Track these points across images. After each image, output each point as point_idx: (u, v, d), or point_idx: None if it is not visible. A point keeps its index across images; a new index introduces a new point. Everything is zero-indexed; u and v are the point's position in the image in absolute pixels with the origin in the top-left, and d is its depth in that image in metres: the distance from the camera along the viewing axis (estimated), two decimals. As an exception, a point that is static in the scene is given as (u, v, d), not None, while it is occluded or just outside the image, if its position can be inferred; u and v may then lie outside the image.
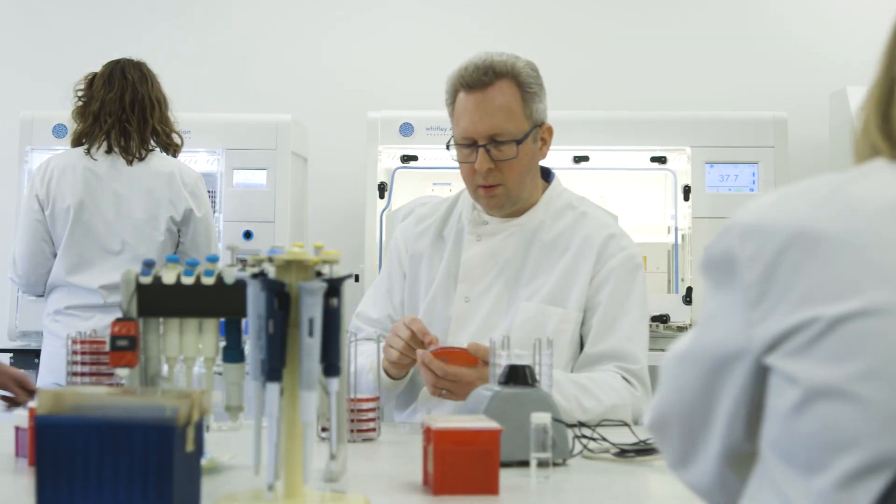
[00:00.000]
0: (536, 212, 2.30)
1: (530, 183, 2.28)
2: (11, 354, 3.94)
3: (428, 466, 1.50)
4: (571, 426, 1.78)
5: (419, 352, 2.03)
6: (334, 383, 1.37)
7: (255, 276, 1.36)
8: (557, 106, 4.18)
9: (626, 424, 1.95)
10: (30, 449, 1.64)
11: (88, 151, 3.30)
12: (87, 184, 3.28)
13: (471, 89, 2.21)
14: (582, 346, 2.23)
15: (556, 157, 4.11)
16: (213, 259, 1.58)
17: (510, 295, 2.26)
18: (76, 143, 3.34)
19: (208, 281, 1.57)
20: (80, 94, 3.38)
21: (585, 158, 4.11)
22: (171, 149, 3.38)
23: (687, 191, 4.08)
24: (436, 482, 1.45)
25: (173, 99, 3.47)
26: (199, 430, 1.27)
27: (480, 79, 2.20)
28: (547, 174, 2.37)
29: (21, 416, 1.73)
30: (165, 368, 1.60)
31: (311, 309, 1.34)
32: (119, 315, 3.19)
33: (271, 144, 4.09)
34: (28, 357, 3.94)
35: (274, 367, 1.34)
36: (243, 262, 1.50)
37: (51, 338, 3.31)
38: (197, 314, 1.58)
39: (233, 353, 1.60)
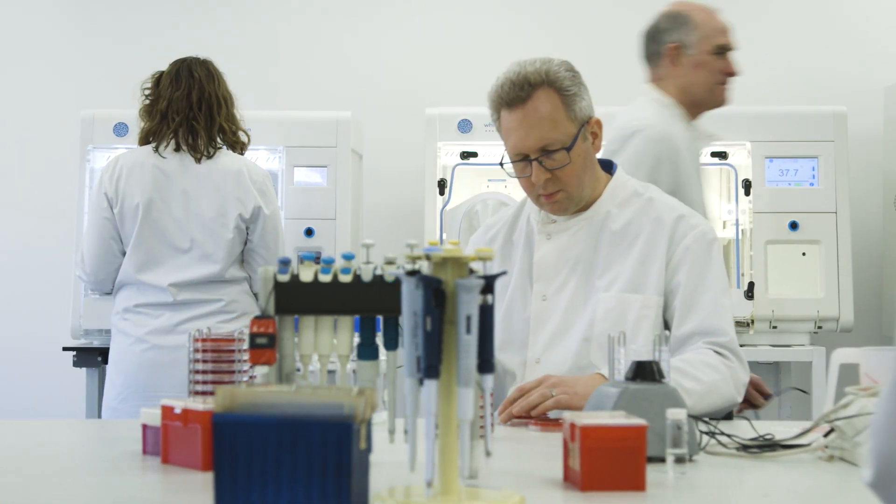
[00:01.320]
0: (602, 203, 2.31)
1: (590, 179, 2.30)
2: (75, 353, 3.95)
3: (570, 462, 1.50)
4: (697, 419, 1.78)
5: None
6: (489, 380, 1.38)
7: (410, 273, 1.36)
8: (618, 102, 4.20)
9: (745, 418, 1.95)
10: (163, 446, 1.65)
11: (157, 149, 3.30)
12: (155, 182, 3.28)
13: (511, 106, 2.23)
14: (667, 329, 2.23)
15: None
16: (349, 257, 1.58)
17: (586, 288, 2.27)
18: (143, 141, 3.35)
19: (345, 278, 1.57)
20: (147, 92, 3.39)
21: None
22: (238, 147, 3.39)
23: (748, 185, 4.08)
24: (584, 478, 1.45)
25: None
26: (370, 427, 1.27)
27: (518, 94, 2.21)
28: (609, 165, 2.38)
29: (149, 415, 1.73)
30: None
31: (469, 306, 1.34)
32: (193, 313, 3.23)
33: (331, 142, 4.10)
34: (91, 355, 3.96)
35: (432, 365, 1.34)
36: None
37: (120, 336, 3.31)
38: (334, 312, 1.58)
39: (367, 349, 1.60)
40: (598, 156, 2.36)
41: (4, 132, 4.80)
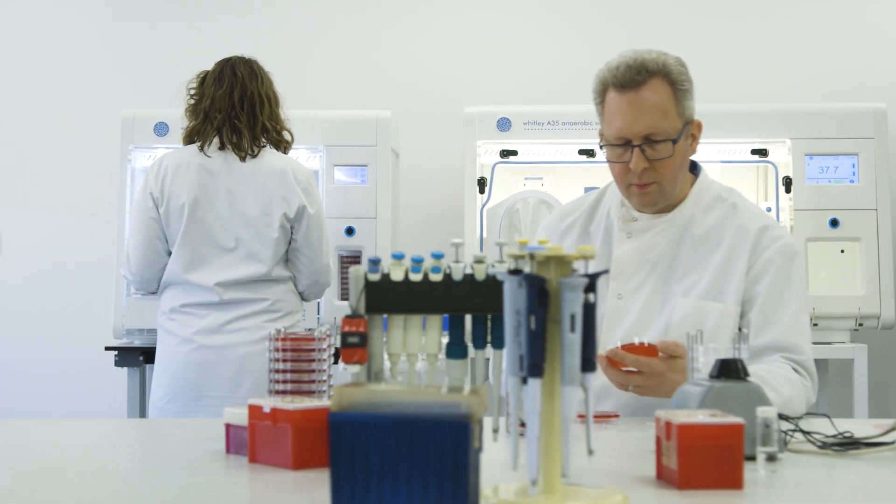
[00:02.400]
0: (686, 206, 2.30)
1: (681, 179, 2.29)
2: (116, 353, 3.96)
3: (665, 460, 1.50)
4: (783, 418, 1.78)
5: (609, 349, 2.04)
6: (591, 378, 1.37)
7: (513, 272, 1.36)
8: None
9: (826, 416, 1.94)
10: (250, 446, 1.65)
11: (202, 148, 3.30)
12: (201, 181, 3.28)
13: (623, 89, 2.21)
14: None
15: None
16: (439, 255, 1.58)
17: (664, 291, 2.26)
18: (188, 140, 3.35)
19: (436, 277, 1.57)
20: (192, 92, 3.39)
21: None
22: (283, 146, 3.39)
23: (788, 183, 4.07)
24: (681, 477, 1.45)
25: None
26: (481, 426, 1.27)
27: (633, 78, 2.20)
28: (694, 167, 2.37)
29: (233, 414, 1.73)
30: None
31: (573, 304, 1.34)
32: (240, 312, 3.23)
33: (371, 141, 4.10)
34: (132, 355, 3.97)
35: (536, 363, 1.34)
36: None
37: (166, 336, 3.31)
38: (424, 311, 1.58)
39: (456, 349, 1.60)
40: None
41: (46, 133, 4.81)
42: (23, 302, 4.80)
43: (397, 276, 1.57)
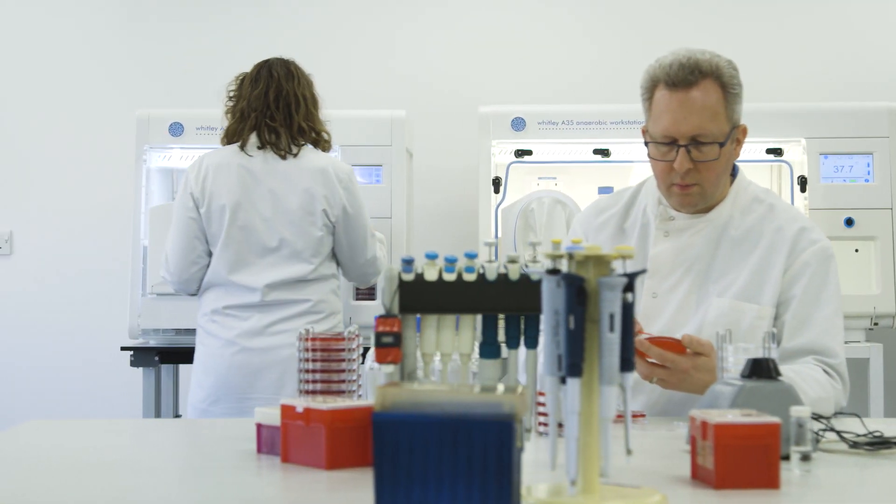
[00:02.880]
0: (724, 207, 2.29)
1: (723, 182, 2.28)
2: (132, 353, 3.96)
3: (700, 460, 1.50)
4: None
5: (637, 339, 2.03)
6: (629, 378, 1.37)
7: (551, 271, 1.36)
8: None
9: (856, 415, 1.95)
10: (283, 446, 1.65)
11: (242, 148, 3.29)
12: (242, 181, 3.27)
13: (674, 87, 2.19)
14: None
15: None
16: (472, 255, 1.58)
17: (699, 291, 2.25)
18: (226, 141, 3.35)
19: (469, 277, 1.57)
20: (231, 94, 3.39)
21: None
22: (321, 146, 3.38)
23: (803, 182, 4.07)
24: (718, 476, 1.45)
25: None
26: (522, 426, 1.27)
27: (686, 77, 2.18)
28: (732, 168, 2.36)
29: (264, 414, 1.74)
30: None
31: (611, 304, 1.35)
32: (282, 314, 3.23)
33: (386, 141, 4.10)
34: (148, 355, 3.97)
35: (575, 363, 1.34)
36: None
37: (208, 338, 3.29)
38: (458, 310, 1.58)
39: (489, 348, 1.60)
40: None
41: (60, 133, 4.82)
42: (36, 303, 4.81)
43: (431, 275, 1.57)
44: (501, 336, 1.61)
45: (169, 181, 4.29)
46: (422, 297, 1.57)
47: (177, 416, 4.27)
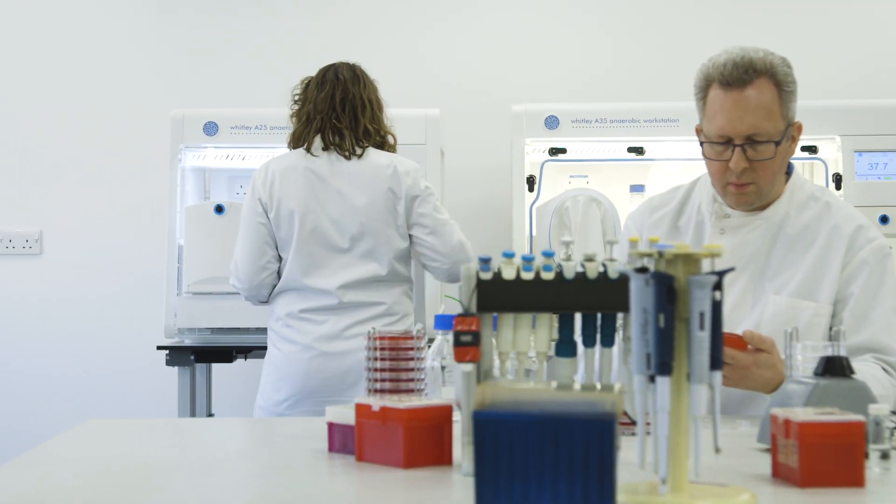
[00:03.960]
0: (780, 205, 2.29)
1: (779, 180, 2.28)
2: (168, 352, 3.97)
3: (782, 458, 1.50)
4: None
5: None
6: (718, 376, 1.37)
7: (639, 270, 1.36)
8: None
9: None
10: (358, 445, 1.65)
11: (308, 150, 3.29)
12: (309, 184, 3.26)
13: (729, 86, 2.19)
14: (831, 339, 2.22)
15: (699, 148, 4.11)
16: (550, 254, 1.58)
17: (756, 289, 2.25)
18: (293, 145, 3.34)
19: (547, 276, 1.57)
20: (296, 97, 3.39)
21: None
22: (386, 149, 3.37)
23: (838, 180, 4.06)
24: (802, 475, 1.45)
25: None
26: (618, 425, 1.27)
27: (741, 77, 2.18)
28: (787, 165, 2.35)
29: (336, 413, 1.74)
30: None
31: (701, 302, 1.34)
32: (358, 317, 3.22)
33: (420, 139, 4.10)
34: (183, 354, 3.97)
35: (665, 362, 1.34)
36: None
37: (284, 343, 3.26)
38: (536, 309, 1.58)
39: (566, 347, 1.60)
40: None
41: (95, 134, 4.82)
42: (65, 302, 4.81)
43: (509, 274, 1.57)
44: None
45: (202, 180, 4.30)
46: (500, 295, 1.57)
47: (210, 415, 4.28)
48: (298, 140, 3.33)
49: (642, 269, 1.37)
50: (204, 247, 3.95)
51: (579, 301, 1.58)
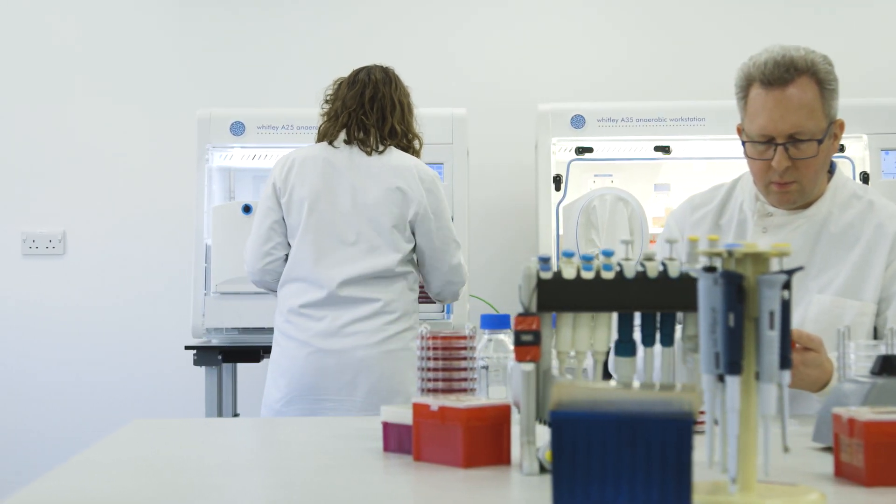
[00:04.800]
0: (823, 203, 2.29)
1: (822, 178, 2.28)
2: (195, 351, 3.97)
3: (845, 457, 1.50)
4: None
5: None
6: (786, 376, 1.37)
7: (707, 269, 1.36)
8: (726, 96, 4.18)
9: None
10: (415, 444, 1.65)
11: (331, 143, 3.31)
12: (324, 174, 3.27)
13: (770, 86, 2.19)
14: (876, 337, 2.22)
15: (726, 147, 4.12)
16: (609, 253, 1.58)
17: (799, 288, 2.25)
18: (318, 140, 3.37)
19: (608, 275, 1.57)
20: (328, 97, 3.41)
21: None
22: (411, 152, 3.38)
23: (865, 178, 4.06)
24: (869, 474, 1.44)
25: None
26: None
27: (782, 76, 2.18)
28: (829, 164, 2.35)
29: (390, 412, 1.74)
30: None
31: (771, 301, 1.34)
32: (355, 314, 3.22)
33: (447, 139, 4.10)
34: (211, 354, 3.97)
35: (734, 361, 1.34)
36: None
37: (283, 339, 3.27)
38: (597, 308, 1.58)
39: (625, 346, 1.60)
40: None
41: (120, 133, 4.83)
42: (89, 302, 4.82)
43: (569, 274, 1.57)
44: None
45: (227, 180, 4.31)
46: (560, 295, 1.57)
47: (235, 414, 4.28)
48: (324, 136, 3.35)
49: (711, 269, 1.37)
50: (231, 247, 3.95)
51: (640, 300, 1.57)
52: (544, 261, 1.58)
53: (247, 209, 3.94)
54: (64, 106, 4.84)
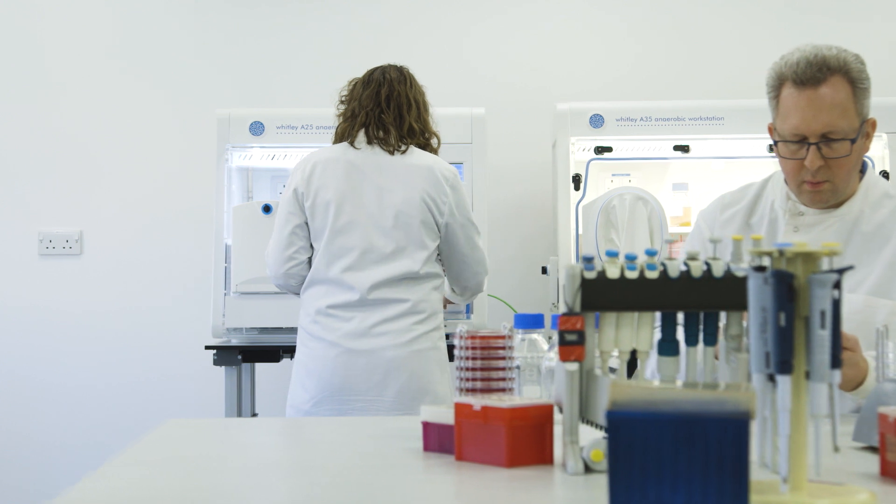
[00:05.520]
0: (855, 202, 2.29)
1: (854, 177, 2.27)
2: (215, 351, 3.97)
3: (891, 457, 1.50)
4: None
5: None
6: (837, 375, 1.37)
7: (758, 268, 1.36)
8: (745, 95, 4.18)
9: None
10: (458, 444, 1.65)
11: (351, 144, 3.31)
12: (348, 177, 3.27)
13: (802, 85, 2.19)
14: None
15: (744, 146, 4.12)
16: (652, 253, 1.58)
17: None
18: (336, 141, 3.36)
19: (651, 275, 1.57)
20: (343, 97, 3.41)
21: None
22: (429, 150, 3.39)
23: (885, 177, 4.06)
24: (916, 473, 1.45)
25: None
26: (748, 424, 1.26)
27: (814, 75, 2.17)
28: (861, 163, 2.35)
29: (430, 412, 1.74)
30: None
31: (822, 301, 1.34)
32: (384, 315, 3.22)
33: (466, 138, 4.10)
34: (231, 354, 3.98)
35: (785, 360, 1.34)
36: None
37: (311, 340, 3.27)
38: (641, 308, 1.58)
39: (669, 345, 1.60)
40: None
41: (137, 133, 4.83)
42: (106, 302, 4.82)
43: (613, 273, 1.57)
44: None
45: (245, 180, 4.31)
46: (604, 294, 1.57)
47: (253, 414, 4.29)
48: (342, 136, 3.35)
49: (761, 268, 1.37)
50: (251, 247, 3.96)
51: (684, 300, 1.57)
52: (588, 260, 1.58)
53: (267, 209, 3.94)
54: (80, 106, 4.84)
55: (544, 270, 4.28)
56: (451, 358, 3.44)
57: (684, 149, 4.13)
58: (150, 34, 4.84)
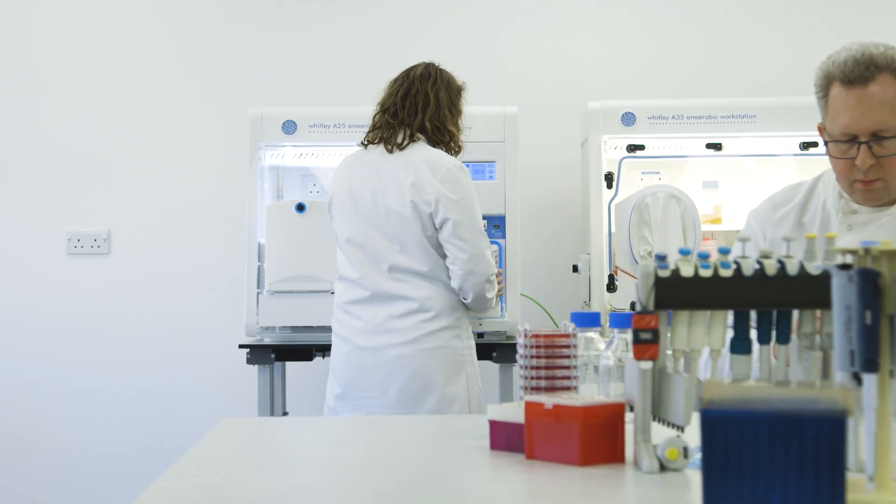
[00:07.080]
0: None
1: None
2: (248, 350, 3.97)
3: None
4: None
5: None
6: (921, 373, 1.36)
7: (842, 267, 1.36)
8: (777, 92, 4.16)
9: None
10: (528, 442, 1.65)
11: (366, 146, 3.36)
12: (350, 179, 3.34)
13: (851, 84, 2.18)
14: None
15: (776, 144, 4.10)
16: (726, 251, 1.58)
17: None
18: (361, 142, 3.42)
19: (725, 273, 1.56)
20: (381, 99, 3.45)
21: (815, 144, 4.06)
22: (442, 148, 3.36)
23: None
24: None
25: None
26: (845, 422, 1.26)
27: (862, 73, 2.17)
28: None
29: (497, 411, 1.74)
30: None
31: (908, 299, 1.33)
32: (391, 311, 3.24)
33: (499, 137, 4.09)
34: (264, 352, 3.97)
35: (871, 359, 1.33)
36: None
37: (334, 336, 3.37)
38: (714, 306, 1.57)
39: (741, 344, 1.60)
40: None
41: (171, 132, 4.82)
42: (134, 301, 4.81)
43: (687, 272, 1.57)
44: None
45: (275, 179, 4.31)
46: (677, 293, 1.56)
47: (284, 413, 4.29)
48: (366, 137, 3.40)
49: (846, 266, 1.36)
50: (284, 245, 3.96)
51: (758, 298, 1.57)
52: (661, 259, 1.58)
53: (300, 208, 3.95)
54: (109, 104, 4.83)
55: (575, 269, 4.28)
56: (480, 356, 3.44)
57: (717, 146, 4.11)
58: (182, 32, 4.84)
